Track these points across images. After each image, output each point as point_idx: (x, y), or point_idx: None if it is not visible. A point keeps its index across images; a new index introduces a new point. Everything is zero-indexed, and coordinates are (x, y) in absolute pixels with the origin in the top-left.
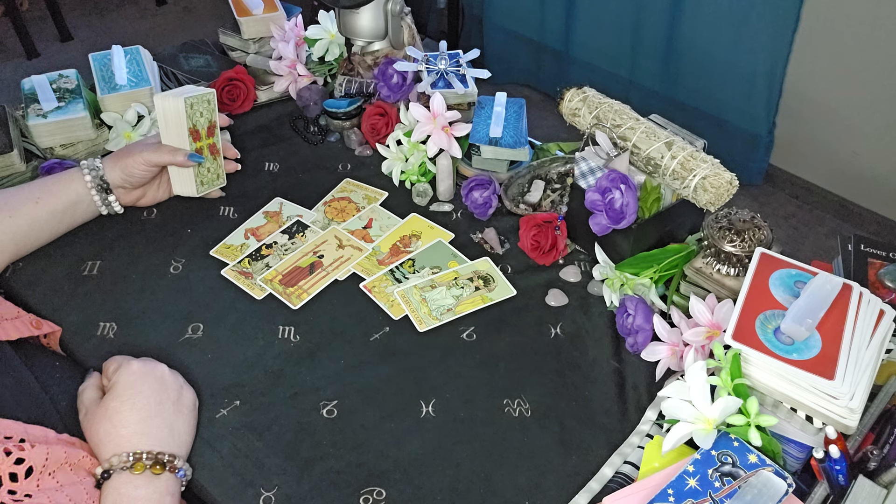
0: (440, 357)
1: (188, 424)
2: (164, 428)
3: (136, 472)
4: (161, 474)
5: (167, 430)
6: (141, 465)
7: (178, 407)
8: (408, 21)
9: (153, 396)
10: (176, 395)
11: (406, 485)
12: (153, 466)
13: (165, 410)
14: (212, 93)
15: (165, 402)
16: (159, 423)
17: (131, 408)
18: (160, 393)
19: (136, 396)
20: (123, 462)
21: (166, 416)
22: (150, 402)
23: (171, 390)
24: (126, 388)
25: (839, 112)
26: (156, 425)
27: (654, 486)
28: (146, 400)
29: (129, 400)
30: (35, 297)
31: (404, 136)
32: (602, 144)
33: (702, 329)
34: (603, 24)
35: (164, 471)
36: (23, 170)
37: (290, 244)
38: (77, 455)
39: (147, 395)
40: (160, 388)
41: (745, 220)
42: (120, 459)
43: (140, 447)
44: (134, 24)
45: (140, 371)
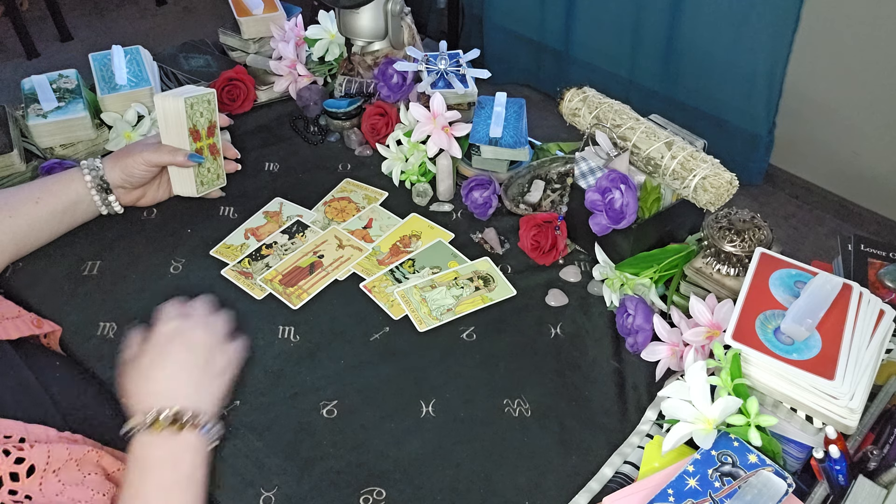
0: (440, 357)
1: (217, 385)
2: (189, 386)
3: (156, 431)
4: (180, 432)
5: (192, 389)
6: (159, 423)
7: (206, 369)
8: (408, 21)
9: (180, 357)
10: (204, 358)
11: (406, 485)
12: (171, 424)
13: (191, 371)
14: (212, 93)
15: (192, 362)
16: (184, 382)
17: (161, 367)
18: (187, 354)
19: (164, 358)
20: (141, 422)
21: (192, 376)
22: (176, 362)
23: (199, 353)
24: (155, 348)
25: (839, 112)
26: (180, 383)
27: (654, 486)
28: (173, 361)
29: (157, 359)
30: (35, 297)
31: (404, 136)
32: (602, 144)
33: (702, 329)
34: (603, 24)
35: (183, 428)
36: (23, 170)
37: (290, 244)
38: (81, 451)
39: (174, 356)
40: (187, 350)
41: (745, 220)
42: (138, 420)
43: (161, 405)
44: (134, 24)
45: (169, 333)
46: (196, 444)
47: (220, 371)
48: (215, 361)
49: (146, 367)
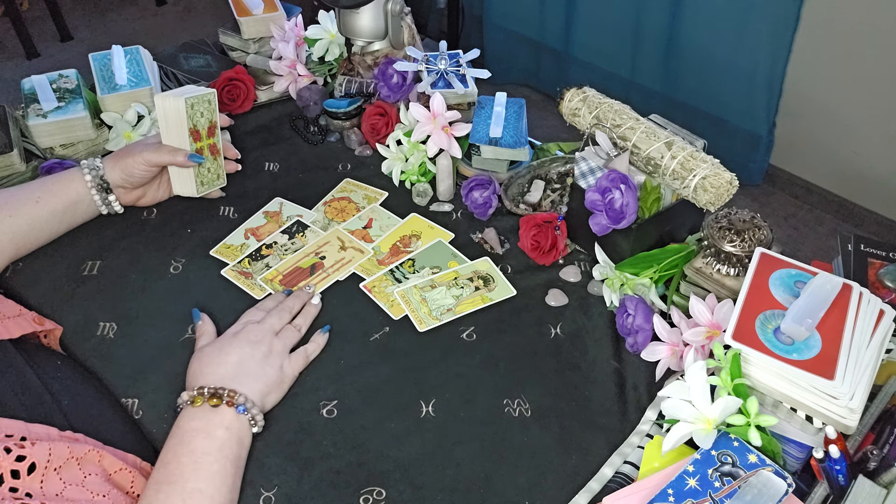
0: (440, 357)
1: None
2: (240, 373)
3: (196, 406)
4: (218, 406)
5: (242, 375)
6: (200, 398)
7: (262, 364)
8: (408, 21)
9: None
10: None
11: (406, 485)
12: (210, 398)
13: (247, 362)
14: (212, 93)
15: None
16: (236, 368)
17: (220, 354)
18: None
19: (226, 347)
20: (185, 400)
21: (246, 366)
22: (235, 353)
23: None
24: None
25: (839, 112)
26: (232, 369)
27: (654, 486)
28: (233, 351)
29: (220, 348)
30: (35, 297)
31: (404, 136)
32: (602, 144)
33: (702, 329)
34: (603, 24)
35: (220, 403)
36: (23, 170)
37: (290, 244)
38: (83, 450)
39: (236, 347)
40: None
41: (745, 220)
42: (184, 397)
43: (205, 383)
44: (134, 24)
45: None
46: (230, 420)
47: (276, 370)
48: (273, 363)
49: (209, 353)
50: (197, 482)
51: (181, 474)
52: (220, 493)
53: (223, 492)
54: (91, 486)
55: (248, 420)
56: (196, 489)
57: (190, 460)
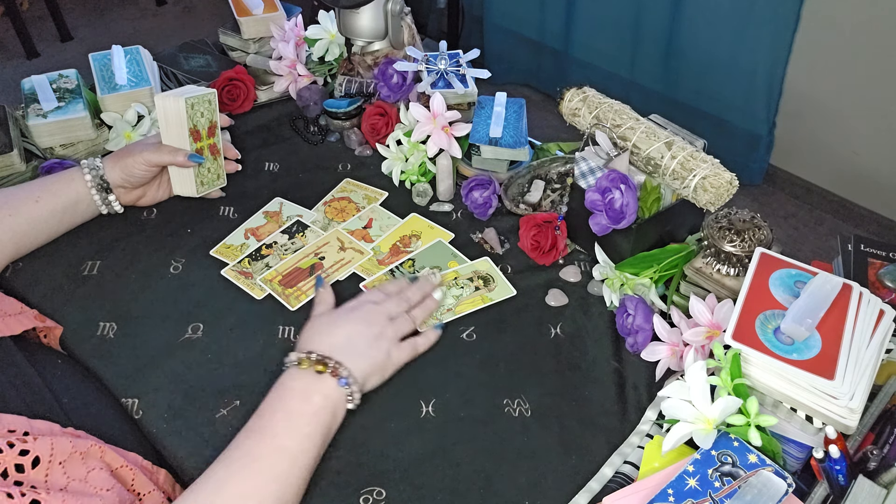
0: (440, 357)
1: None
2: (349, 347)
3: (302, 368)
4: (323, 373)
5: (350, 350)
6: (307, 361)
7: (372, 344)
8: (408, 21)
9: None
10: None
11: (406, 485)
12: (316, 364)
13: (358, 339)
14: (213, 93)
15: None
16: (347, 342)
17: (334, 325)
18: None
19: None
20: (294, 359)
21: (356, 342)
22: (350, 326)
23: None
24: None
25: (839, 112)
26: (343, 341)
27: (654, 486)
28: (348, 324)
29: (335, 319)
30: (35, 297)
31: (404, 136)
32: (602, 144)
33: (702, 329)
34: (603, 24)
35: (325, 370)
36: (23, 170)
37: (290, 244)
38: (85, 444)
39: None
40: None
41: (745, 220)
42: (293, 357)
43: (314, 348)
44: (134, 24)
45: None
46: (330, 389)
47: (384, 354)
48: (381, 346)
49: (324, 322)
50: (285, 439)
51: (272, 428)
52: (305, 454)
53: (309, 455)
54: (95, 480)
55: (346, 394)
56: (283, 446)
57: (284, 417)
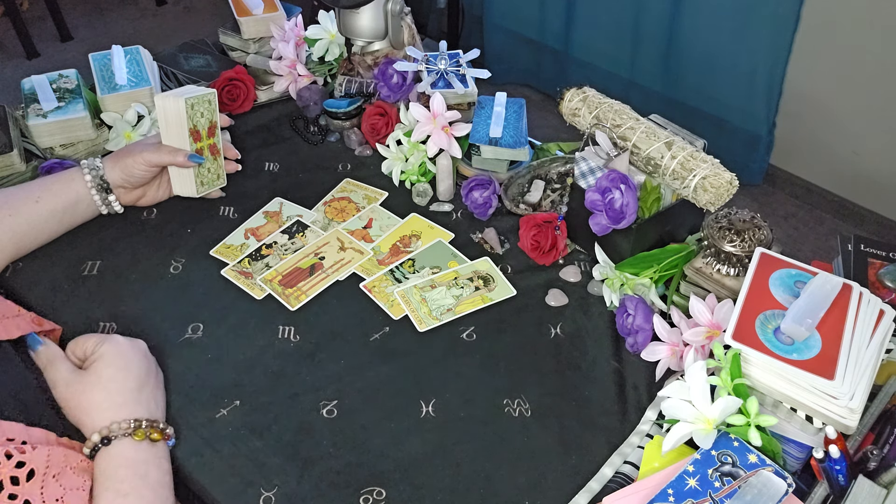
0: (440, 357)
1: (163, 398)
2: (152, 398)
3: (137, 439)
4: (159, 441)
5: (154, 401)
6: (142, 432)
7: (157, 381)
8: (408, 21)
9: (142, 368)
10: (155, 368)
11: (406, 485)
12: (152, 433)
13: (151, 382)
14: (213, 93)
15: (150, 374)
16: (148, 394)
17: (126, 376)
18: (147, 365)
19: (130, 366)
20: (125, 429)
21: (152, 388)
22: (140, 372)
23: (152, 364)
24: (118, 358)
25: (839, 112)
26: (146, 395)
27: (654, 486)
28: (137, 370)
29: (123, 369)
30: (35, 297)
31: (404, 136)
32: (602, 144)
33: (702, 329)
34: (603, 24)
35: (161, 437)
36: (23, 170)
37: (290, 244)
38: (77, 458)
39: (137, 365)
40: (146, 361)
41: (745, 220)
42: (121, 427)
43: (137, 415)
44: (134, 24)
45: (127, 344)
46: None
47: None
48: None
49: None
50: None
51: None
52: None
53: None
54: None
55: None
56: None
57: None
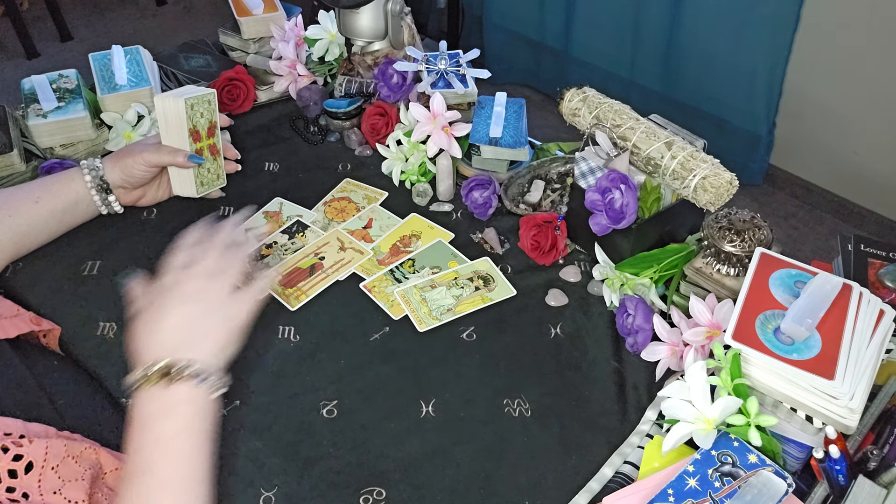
0: (440, 357)
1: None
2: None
3: (149, 386)
4: (171, 385)
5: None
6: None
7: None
8: (408, 21)
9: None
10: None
11: (406, 485)
12: (161, 377)
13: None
14: (212, 93)
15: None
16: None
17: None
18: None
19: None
20: (137, 381)
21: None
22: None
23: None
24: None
25: (839, 112)
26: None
27: (654, 486)
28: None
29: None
30: (35, 297)
31: (404, 136)
32: (602, 144)
33: (702, 329)
34: (603, 24)
35: (173, 381)
36: (23, 170)
37: (290, 244)
38: (79, 447)
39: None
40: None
41: (745, 220)
42: (132, 378)
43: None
44: (134, 24)
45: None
46: (190, 394)
47: (225, 322)
48: (216, 318)
49: (147, 321)
50: (168, 467)
51: (152, 463)
52: (195, 471)
53: (198, 469)
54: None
55: (207, 388)
56: (169, 475)
57: (157, 447)
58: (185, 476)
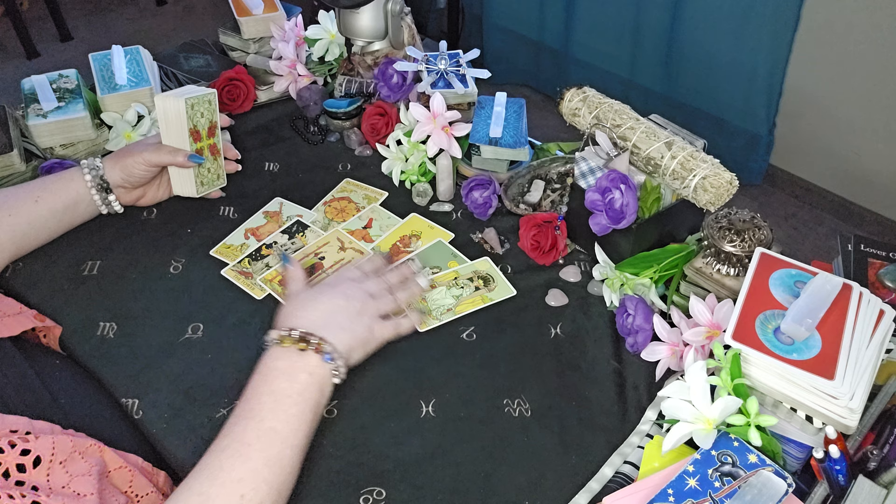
0: (440, 357)
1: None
2: (330, 322)
3: (284, 346)
4: (305, 351)
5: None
6: (289, 339)
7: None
8: (408, 21)
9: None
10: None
11: (406, 485)
12: (298, 342)
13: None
14: (213, 93)
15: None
16: (327, 317)
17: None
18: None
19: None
20: (275, 337)
21: (338, 317)
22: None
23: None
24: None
25: (839, 112)
26: (323, 317)
27: (654, 486)
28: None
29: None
30: (35, 297)
31: (404, 136)
32: (602, 144)
33: (702, 329)
34: (603, 24)
35: (308, 347)
36: (23, 170)
37: (290, 244)
38: (85, 443)
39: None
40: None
41: (745, 220)
42: (273, 335)
43: (296, 325)
44: (134, 24)
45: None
46: (315, 366)
47: (366, 329)
48: (363, 321)
49: (303, 299)
50: (274, 421)
51: (260, 411)
52: (295, 435)
53: (298, 435)
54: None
55: (331, 369)
56: (272, 428)
57: (270, 399)
58: (285, 436)
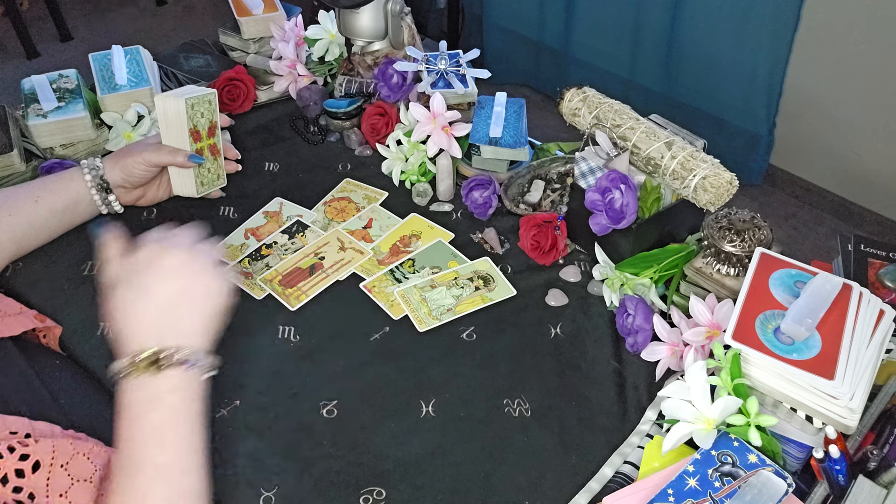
0: (440, 357)
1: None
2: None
3: (136, 375)
4: (160, 372)
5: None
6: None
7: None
8: (408, 21)
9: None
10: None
11: (406, 485)
12: (150, 365)
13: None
14: (213, 93)
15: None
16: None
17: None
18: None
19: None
20: (124, 370)
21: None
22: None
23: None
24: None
25: (839, 112)
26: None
27: (654, 486)
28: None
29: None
30: (35, 297)
31: (404, 136)
32: (602, 144)
33: (702, 329)
34: (603, 24)
35: (161, 368)
36: (23, 170)
37: (290, 244)
38: (86, 446)
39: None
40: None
41: (745, 220)
42: (118, 367)
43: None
44: (134, 24)
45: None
46: (179, 380)
47: (206, 298)
48: (198, 289)
49: (124, 303)
50: (163, 456)
51: (145, 453)
52: (189, 457)
53: (192, 454)
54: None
55: (198, 372)
56: (164, 464)
57: (149, 437)
58: (178, 465)
